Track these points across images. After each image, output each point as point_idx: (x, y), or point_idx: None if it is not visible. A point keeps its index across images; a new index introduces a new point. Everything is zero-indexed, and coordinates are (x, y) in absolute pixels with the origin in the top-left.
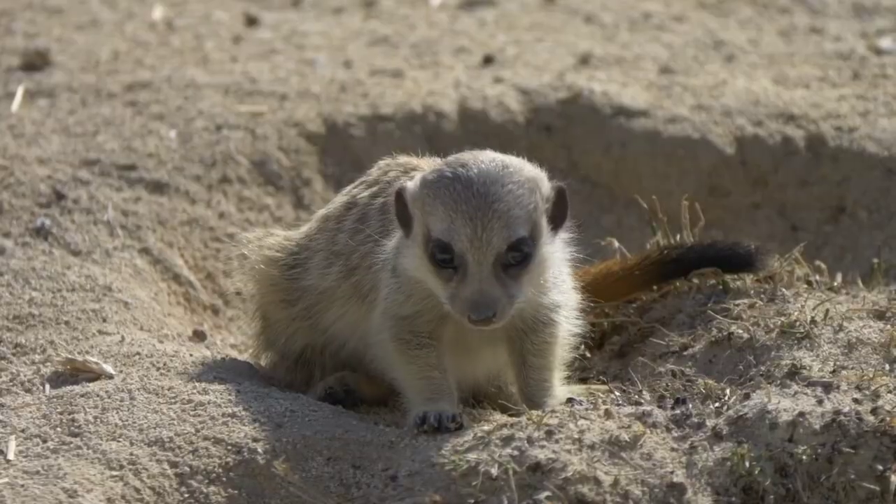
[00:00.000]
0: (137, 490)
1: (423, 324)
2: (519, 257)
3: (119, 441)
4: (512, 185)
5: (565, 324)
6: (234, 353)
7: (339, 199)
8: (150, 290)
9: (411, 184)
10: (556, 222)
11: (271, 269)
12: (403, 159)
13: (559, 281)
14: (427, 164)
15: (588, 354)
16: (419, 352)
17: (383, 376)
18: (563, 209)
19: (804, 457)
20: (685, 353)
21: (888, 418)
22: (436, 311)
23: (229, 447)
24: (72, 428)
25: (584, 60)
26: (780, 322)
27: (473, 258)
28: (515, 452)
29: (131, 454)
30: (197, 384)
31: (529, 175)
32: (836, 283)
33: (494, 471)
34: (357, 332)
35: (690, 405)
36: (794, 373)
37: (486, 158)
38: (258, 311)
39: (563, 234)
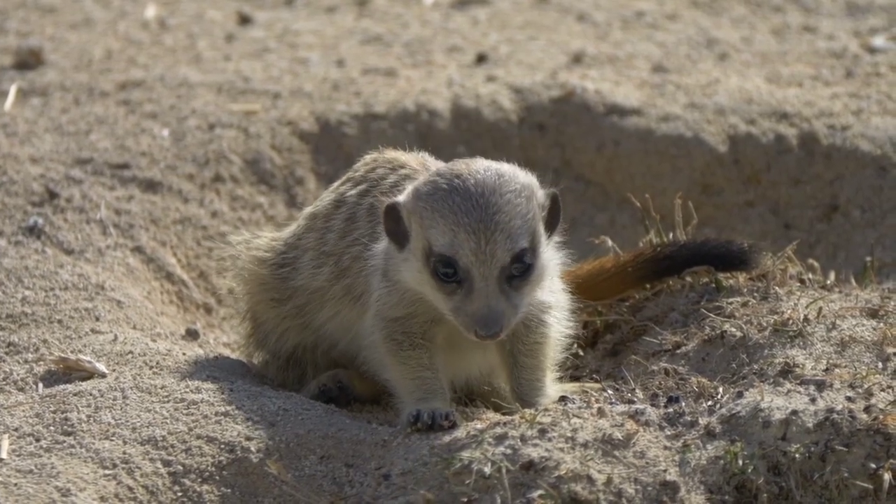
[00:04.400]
0: (130, 489)
1: (415, 325)
2: (522, 268)
3: (112, 440)
4: (510, 195)
5: (556, 324)
6: (226, 352)
7: (327, 196)
8: (142, 288)
9: (404, 197)
10: (550, 228)
11: (260, 269)
12: (390, 154)
13: (549, 282)
14: (414, 161)
15: (581, 353)
16: (411, 352)
17: (376, 377)
18: (556, 215)
19: (797, 455)
20: (678, 351)
21: (881, 416)
22: (428, 314)
23: (222, 446)
24: (65, 427)
25: (577, 59)
26: (773, 320)
27: (478, 272)
28: (508, 451)
29: (124, 453)
30: (190, 383)
31: (524, 182)
32: (828, 282)
33: (487, 469)
34: (349, 333)
35: (683, 403)
36: (787, 371)
37: (480, 167)
38: (249, 311)
39: (555, 238)
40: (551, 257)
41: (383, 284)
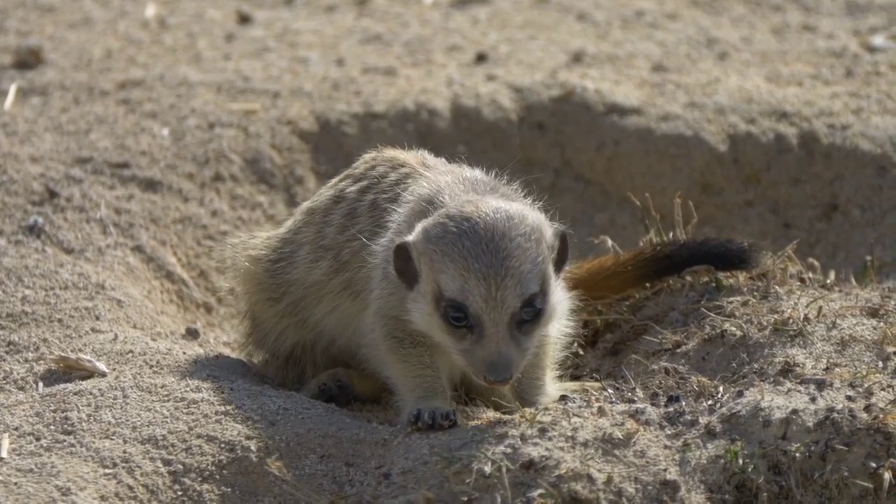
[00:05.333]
0: (131, 488)
1: None
2: (532, 313)
3: (112, 439)
4: (520, 239)
5: (556, 324)
6: (226, 351)
7: (325, 192)
8: (142, 287)
9: (414, 237)
10: (559, 267)
11: (255, 268)
12: (390, 153)
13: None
14: (414, 159)
15: (581, 352)
16: (412, 350)
17: (376, 375)
18: (564, 255)
19: (797, 454)
20: (678, 350)
21: (881, 416)
22: None
23: (222, 445)
24: (65, 426)
25: (577, 58)
26: (773, 319)
27: (489, 318)
28: (509, 450)
29: (124, 452)
30: (190, 382)
31: (534, 224)
32: (828, 281)
33: (487, 468)
34: (349, 328)
35: (684, 403)
36: (787, 370)
37: (489, 209)
38: (247, 311)
39: (562, 289)
40: (560, 298)
41: (385, 284)
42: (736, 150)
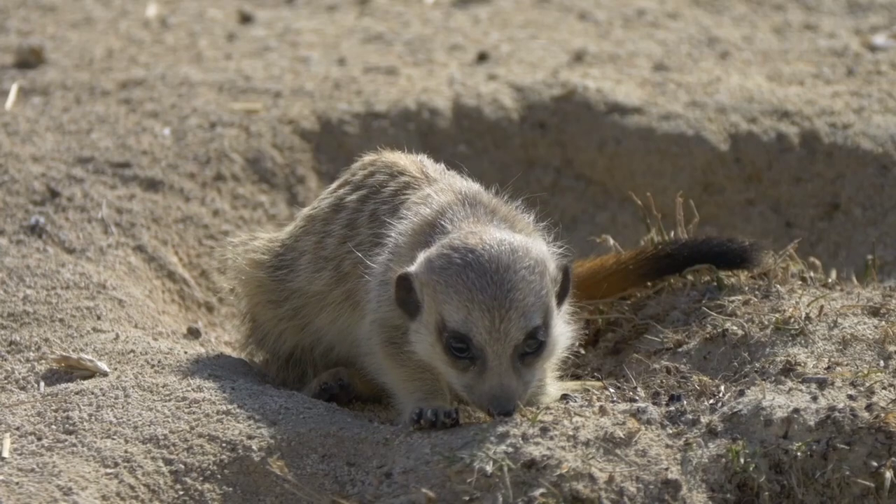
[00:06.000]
0: (132, 487)
1: None
2: (535, 345)
3: (114, 438)
4: (524, 271)
5: (557, 325)
6: (228, 351)
7: (325, 199)
8: (144, 287)
9: (416, 268)
10: (560, 299)
11: (257, 272)
12: (388, 158)
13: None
14: (413, 166)
15: (582, 351)
16: (411, 355)
17: (374, 380)
18: (567, 287)
19: (799, 453)
20: (680, 349)
21: (883, 415)
22: None
23: (224, 444)
24: (66, 425)
25: (579, 57)
26: (774, 318)
27: (492, 350)
28: (510, 449)
29: (126, 452)
30: (191, 381)
31: (538, 257)
32: (830, 280)
33: (489, 468)
34: (348, 339)
35: (685, 402)
36: (788, 369)
37: (493, 241)
38: (248, 313)
39: (564, 323)
40: (562, 331)
41: (384, 294)
42: (737, 150)
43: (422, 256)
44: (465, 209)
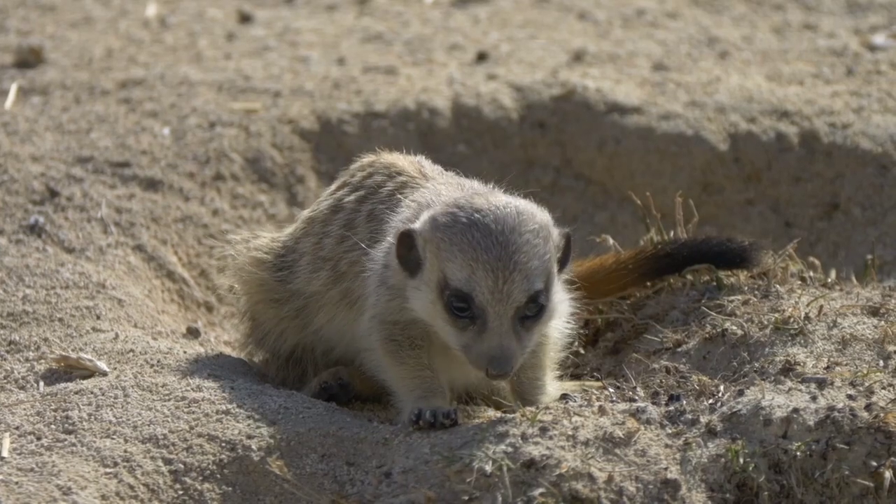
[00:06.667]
0: (132, 487)
1: (415, 329)
2: (535, 309)
3: (113, 438)
4: (528, 235)
5: (557, 325)
6: (227, 350)
7: (324, 201)
8: (143, 287)
9: (420, 225)
10: (561, 266)
11: (259, 271)
12: (387, 159)
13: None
14: (411, 167)
15: (582, 351)
16: (411, 352)
17: (374, 378)
18: (567, 255)
19: (798, 453)
20: (679, 349)
21: (882, 414)
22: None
23: (223, 444)
24: (66, 425)
25: (578, 57)
26: (773, 318)
27: (494, 311)
28: (509, 449)
29: (125, 451)
30: (191, 381)
31: (542, 222)
32: (829, 280)
33: (488, 467)
34: (346, 338)
35: (684, 401)
36: (787, 369)
37: (500, 203)
38: (248, 311)
39: (563, 290)
40: (561, 298)
41: (383, 290)
42: (737, 149)
43: (426, 215)
44: (465, 193)
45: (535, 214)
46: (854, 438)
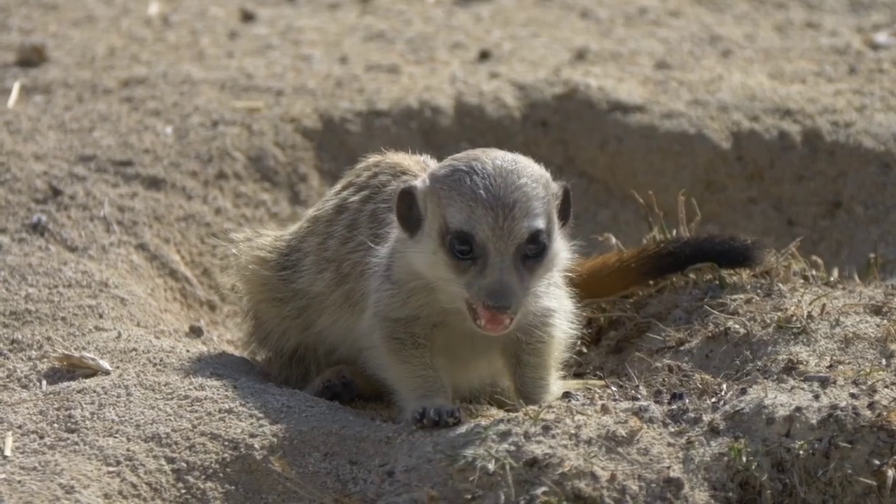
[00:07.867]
0: (134, 486)
1: (418, 327)
2: (536, 249)
3: (116, 437)
4: (527, 178)
5: (560, 325)
6: (230, 349)
7: (329, 200)
8: (146, 285)
9: (420, 182)
10: (562, 218)
11: (262, 270)
12: (392, 159)
13: (552, 287)
14: (417, 166)
15: (584, 350)
16: (413, 351)
17: (376, 376)
18: (567, 209)
19: (801, 452)
20: (682, 348)
21: (885, 413)
22: (431, 317)
23: (226, 443)
24: (68, 424)
25: (580, 56)
26: (776, 317)
27: (495, 248)
28: (512, 448)
29: (128, 450)
30: (193, 380)
31: (540, 172)
32: (832, 278)
33: (491, 466)
34: (348, 339)
35: (687, 400)
36: (790, 368)
37: (496, 154)
38: (250, 310)
39: (565, 231)
40: (562, 248)
41: (387, 286)
42: (739, 148)
43: (425, 174)
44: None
45: (533, 165)
46: (857, 437)
